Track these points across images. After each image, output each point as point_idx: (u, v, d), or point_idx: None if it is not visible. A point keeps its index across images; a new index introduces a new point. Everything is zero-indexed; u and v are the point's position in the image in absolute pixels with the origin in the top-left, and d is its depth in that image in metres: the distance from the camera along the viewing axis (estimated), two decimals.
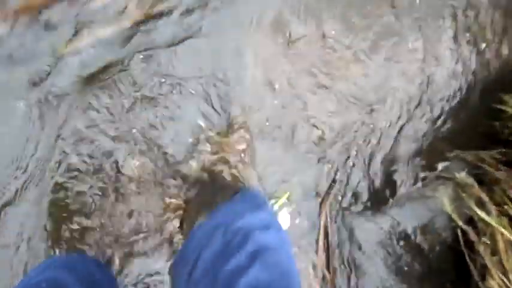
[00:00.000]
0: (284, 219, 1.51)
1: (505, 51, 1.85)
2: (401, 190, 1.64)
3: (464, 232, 1.56)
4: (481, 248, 1.47)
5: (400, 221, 1.62)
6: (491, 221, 1.45)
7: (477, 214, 1.50)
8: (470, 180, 1.60)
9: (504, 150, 1.65)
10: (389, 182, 1.65)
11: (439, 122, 1.75)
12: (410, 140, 1.71)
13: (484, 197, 1.52)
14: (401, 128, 1.68)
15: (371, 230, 1.60)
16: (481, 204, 1.53)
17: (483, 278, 1.47)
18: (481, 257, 1.47)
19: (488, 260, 1.43)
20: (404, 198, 1.64)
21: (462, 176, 1.60)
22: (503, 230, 1.42)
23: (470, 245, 1.53)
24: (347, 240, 1.57)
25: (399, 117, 1.68)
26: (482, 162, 1.66)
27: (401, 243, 1.62)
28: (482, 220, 1.49)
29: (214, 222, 0.90)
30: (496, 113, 1.74)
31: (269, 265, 0.73)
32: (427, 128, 1.71)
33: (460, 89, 1.79)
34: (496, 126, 1.72)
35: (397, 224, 1.62)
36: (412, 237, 1.63)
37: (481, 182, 1.65)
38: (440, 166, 1.70)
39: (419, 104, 1.70)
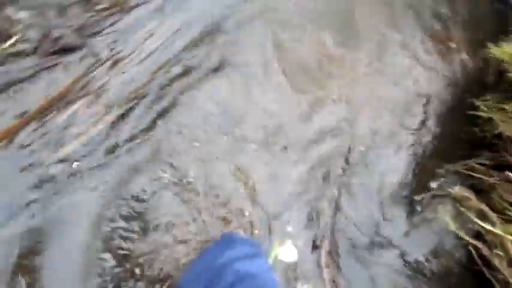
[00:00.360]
0: (290, 252, 1.47)
1: (468, 59, 1.90)
2: (402, 220, 1.61)
3: (476, 247, 1.50)
4: (496, 261, 1.41)
5: (409, 251, 1.57)
6: (497, 230, 1.40)
7: (482, 227, 1.46)
8: (466, 193, 1.57)
9: (490, 154, 1.65)
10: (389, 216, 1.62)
11: (423, 141, 1.75)
12: (398, 166, 1.71)
13: (484, 207, 1.49)
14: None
15: (380, 270, 1.55)
16: (483, 216, 1.49)
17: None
18: (499, 270, 1.41)
19: (507, 273, 1.37)
20: (407, 227, 1.60)
21: (457, 190, 1.58)
22: (511, 237, 1.37)
23: (485, 259, 1.48)
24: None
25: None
26: (474, 171, 1.64)
27: (416, 274, 1.56)
28: (489, 231, 1.44)
29: (198, 266, 0.96)
30: (472, 119, 1.75)
31: None
32: (412, 151, 1.72)
33: (433, 104, 1.82)
34: (477, 132, 1.73)
35: (406, 255, 1.57)
36: (426, 264, 1.57)
37: (479, 191, 1.63)
38: (434, 184, 1.68)
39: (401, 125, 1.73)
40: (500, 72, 1.77)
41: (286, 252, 1.47)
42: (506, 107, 1.62)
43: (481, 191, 1.61)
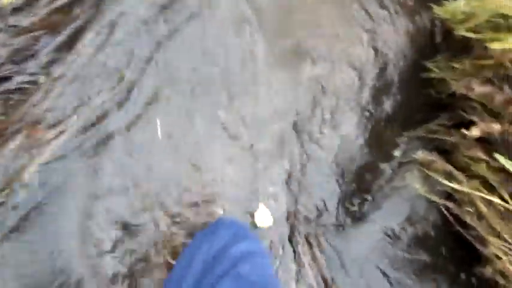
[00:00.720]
0: (265, 216, 1.47)
1: (415, 22, 1.89)
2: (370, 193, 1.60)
3: (448, 208, 1.51)
4: (467, 219, 1.42)
5: (383, 223, 1.57)
6: (464, 188, 1.41)
7: (449, 187, 1.46)
8: (431, 157, 1.57)
9: (448, 113, 1.65)
10: (357, 188, 1.62)
11: (381, 111, 1.74)
12: (358, 140, 1.70)
13: (449, 167, 1.49)
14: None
15: (359, 244, 1.54)
16: (450, 176, 1.50)
17: (485, 246, 1.41)
18: (473, 228, 1.42)
19: (479, 228, 1.38)
20: (378, 198, 1.60)
21: (421, 155, 1.58)
22: (478, 193, 1.38)
23: (459, 219, 1.48)
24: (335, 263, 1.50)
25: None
26: (435, 134, 1.65)
27: (394, 244, 1.56)
28: (457, 191, 1.45)
29: (188, 258, 0.96)
30: (427, 82, 1.75)
31: (245, 274, 0.81)
32: (373, 121, 1.71)
33: (387, 69, 1.80)
34: (432, 93, 1.73)
35: (381, 227, 1.57)
36: (403, 233, 1.57)
37: (443, 152, 1.63)
38: (398, 153, 1.68)
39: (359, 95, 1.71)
40: (447, 32, 1.77)
41: (261, 217, 1.47)
42: (456, 65, 1.62)
43: (445, 151, 1.62)
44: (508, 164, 1.34)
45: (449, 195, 1.52)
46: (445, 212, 1.51)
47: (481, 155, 1.42)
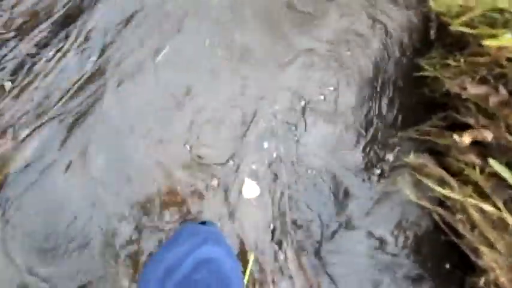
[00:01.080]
0: (251, 188, 1.44)
1: (408, 17, 1.79)
2: (356, 197, 1.53)
3: (440, 215, 1.44)
4: (460, 227, 1.35)
5: (372, 229, 1.50)
6: (456, 195, 1.33)
7: (441, 193, 1.39)
8: (422, 160, 1.50)
9: (443, 114, 1.57)
10: (343, 195, 1.55)
11: (372, 111, 1.66)
12: (349, 141, 1.62)
13: (442, 172, 1.41)
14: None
15: (346, 250, 1.48)
16: (442, 181, 1.42)
17: (478, 257, 1.34)
18: (464, 236, 1.35)
19: (472, 237, 1.31)
20: (368, 203, 1.53)
21: (412, 158, 1.50)
22: (470, 200, 1.30)
23: (451, 226, 1.41)
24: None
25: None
26: (428, 135, 1.57)
27: (384, 252, 1.49)
28: (449, 197, 1.37)
29: (159, 256, 0.97)
30: (421, 80, 1.66)
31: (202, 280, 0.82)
32: (363, 121, 1.63)
33: (378, 68, 1.72)
34: (426, 92, 1.65)
35: (370, 234, 1.50)
36: (393, 240, 1.50)
37: (437, 154, 1.55)
38: (389, 156, 1.61)
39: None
40: (442, 27, 1.67)
41: (248, 189, 1.46)
42: (450, 62, 1.53)
43: (438, 153, 1.54)
44: (502, 170, 1.26)
45: (441, 202, 1.44)
46: (437, 218, 1.44)
47: (474, 159, 1.34)
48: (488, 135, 1.24)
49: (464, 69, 1.49)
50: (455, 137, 1.32)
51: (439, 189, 1.39)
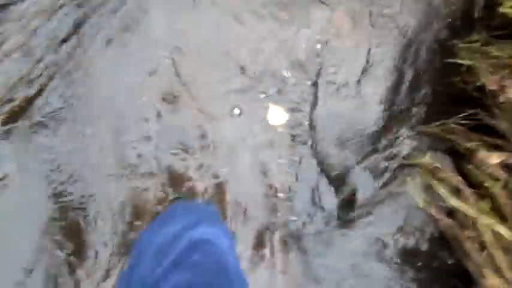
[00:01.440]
0: (277, 113, 1.37)
1: None
2: (362, 195, 1.40)
3: (449, 226, 1.30)
4: (467, 244, 1.22)
5: (372, 230, 1.39)
6: (470, 211, 1.19)
7: (452, 204, 1.24)
8: (438, 162, 1.33)
9: (471, 111, 1.36)
10: (346, 188, 1.42)
11: (391, 94, 1.46)
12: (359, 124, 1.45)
13: (458, 180, 1.25)
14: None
15: (342, 251, 1.39)
16: (456, 190, 1.27)
17: (482, 277, 1.22)
18: (470, 254, 1.22)
19: (479, 257, 1.18)
20: (370, 204, 1.40)
21: (427, 160, 1.33)
22: (485, 218, 1.16)
23: (458, 240, 1.28)
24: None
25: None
26: (451, 134, 1.38)
27: (382, 256, 1.39)
28: (461, 211, 1.23)
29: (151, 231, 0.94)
30: (455, 67, 1.43)
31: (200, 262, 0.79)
32: (380, 106, 1.44)
33: (407, 46, 1.48)
34: (457, 83, 1.42)
35: (370, 235, 1.39)
36: (393, 244, 1.39)
37: (457, 155, 1.38)
38: (403, 150, 1.44)
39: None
40: (490, 5, 1.39)
41: (273, 115, 1.37)
42: (492, 50, 1.29)
43: (459, 156, 1.36)
44: None
45: (451, 212, 1.30)
46: (444, 229, 1.31)
47: (499, 172, 1.17)
48: None
49: (508, 62, 1.25)
50: (482, 154, 1.14)
51: (451, 199, 1.24)
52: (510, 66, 1.24)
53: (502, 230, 1.11)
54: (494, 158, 1.13)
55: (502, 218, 1.16)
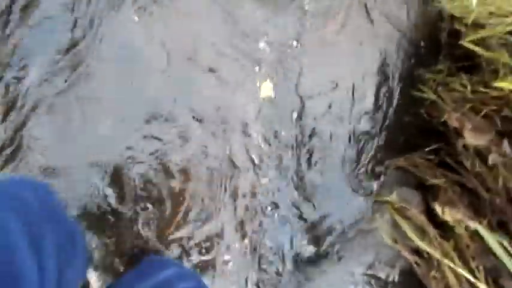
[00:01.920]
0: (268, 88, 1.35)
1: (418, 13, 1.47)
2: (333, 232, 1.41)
3: (417, 264, 1.32)
4: (433, 284, 1.23)
5: (343, 268, 1.41)
6: (433, 251, 1.19)
7: (418, 244, 1.25)
8: (406, 200, 1.33)
9: (436, 146, 1.35)
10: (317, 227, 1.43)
11: (358, 128, 1.45)
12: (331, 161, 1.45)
13: (422, 221, 1.26)
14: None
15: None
16: (422, 229, 1.27)
17: None
18: None
19: None
20: (341, 241, 1.41)
21: (394, 197, 1.33)
22: (447, 261, 1.16)
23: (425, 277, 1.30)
24: None
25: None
26: (416, 167, 1.37)
27: None
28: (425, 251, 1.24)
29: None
30: (419, 99, 1.41)
31: None
32: (347, 139, 1.43)
33: (372, 76, 1.46)
34: (422, 114, 1.41)
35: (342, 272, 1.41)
36: (363, 280, 1.41)
37: (425, 187, 1.38)
38: (372, 186, 1.44)
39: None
40: (455, 33, 1.36)
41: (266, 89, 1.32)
42: (455, 86, 1.27)
43: (427, 189, 1.36)
44: (489, 237, 1.10)
45: (418, 250, 1.31)
46: (415, 267, 1.32)
47: (462, 217, 1.17)
48: (472, 224, 1.05)
49: (469, 98, 1.23)
50: (437, 207, 1.14)
51: (416, 239, 1.25)
52: (471, 102, 1.23)
53: (463, 272, 1.12)
54: (447, 215, 1.13)
55: (465, 260, 1.16)
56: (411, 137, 1.43)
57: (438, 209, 1.23)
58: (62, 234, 0.62)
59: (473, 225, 1.15)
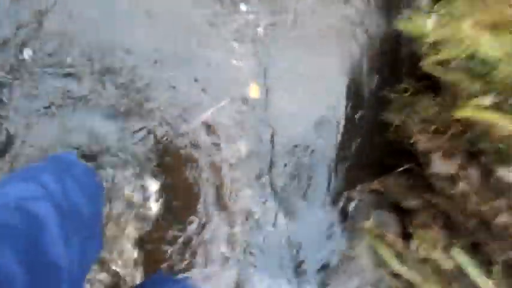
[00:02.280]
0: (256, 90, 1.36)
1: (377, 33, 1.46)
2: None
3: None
4: None
5: None
6: (412, 277, 1.20)
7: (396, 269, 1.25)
8: (383, 225, 1.33)
9: (408, 166, 1.35)
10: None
11: (329, 154, 1.44)
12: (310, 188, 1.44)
13: (400, 246, 1.26)
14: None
15: None
16: (399, 254, 1.27)
17: None
18: None
19: None
20: (323, 270, 1.41)
21: (368, 224, 1.33)
22: (428, 286, 1.17)
23: None
24: None
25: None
26: (389, 190, 1.38)
27: None
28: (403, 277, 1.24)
29: None
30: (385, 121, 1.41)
31: None
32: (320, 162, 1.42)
33: (336, 92, 1.45)
34: (390, 136, 1.40)
35: None
36: None
37: (400, 209, 1.38)
38: (349, 210, 1.44)
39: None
40: (414, 53, 1.35)
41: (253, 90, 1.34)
42: (418, 108, 1.27)
43: (405, 211, 1.37)
44: (465, 262, 1.10)
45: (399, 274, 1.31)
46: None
47: (438, 240, 1.18)
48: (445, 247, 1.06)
49: (433, 120, 1.24)
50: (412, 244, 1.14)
51: (394, 264, 1.25)
52: (434, 123, 1.23)
53: None
54: (412, 245, 1.15)
55: (445, 282, 1.17)
56: (384, 159, 1.43)
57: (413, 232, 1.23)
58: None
59: (446, 248, 1.16)
